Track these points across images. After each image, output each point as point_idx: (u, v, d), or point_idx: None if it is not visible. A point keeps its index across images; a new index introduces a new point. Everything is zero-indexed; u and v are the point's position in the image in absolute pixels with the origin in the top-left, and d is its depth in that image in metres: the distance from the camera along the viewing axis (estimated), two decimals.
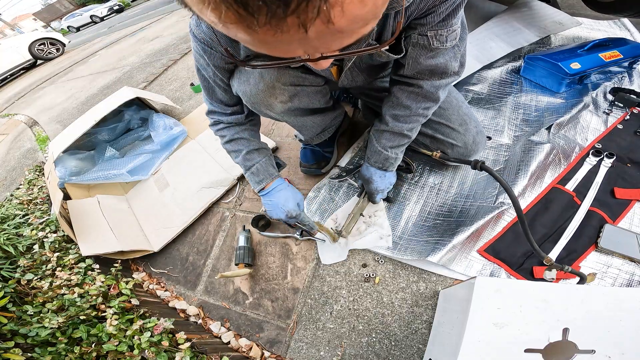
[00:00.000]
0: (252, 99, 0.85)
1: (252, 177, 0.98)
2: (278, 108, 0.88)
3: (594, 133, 1.13)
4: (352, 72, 0.87)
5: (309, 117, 1.04)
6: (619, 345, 0.59)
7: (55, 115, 3.35)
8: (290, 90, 0.86)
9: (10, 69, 6.98)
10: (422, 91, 0.82)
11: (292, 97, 0.88)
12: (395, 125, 0.89)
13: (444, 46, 0.71)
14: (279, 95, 0.85)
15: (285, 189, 0.99)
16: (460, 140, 0.97)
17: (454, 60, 0.76)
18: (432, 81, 0.80)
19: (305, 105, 0.94)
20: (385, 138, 0.93)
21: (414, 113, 0.86)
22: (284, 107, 0.89)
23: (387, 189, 1.03)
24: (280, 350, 0.95)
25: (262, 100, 0.85)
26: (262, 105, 0.87)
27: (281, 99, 0.86)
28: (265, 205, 1.00)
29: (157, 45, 4.31)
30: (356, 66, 0.85)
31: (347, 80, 0.90)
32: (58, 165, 1.64)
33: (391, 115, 0.89)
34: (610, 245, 0.84)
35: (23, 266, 1.14)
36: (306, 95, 0.91)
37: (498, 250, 0.91)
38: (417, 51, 0.73)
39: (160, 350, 0.89)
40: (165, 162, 1.69)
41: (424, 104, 0.84)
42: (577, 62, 1.23)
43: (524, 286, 0.65)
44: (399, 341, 0.87)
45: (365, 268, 1.01)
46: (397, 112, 0.88)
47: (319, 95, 0.96)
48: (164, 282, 1.26)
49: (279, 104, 0.87)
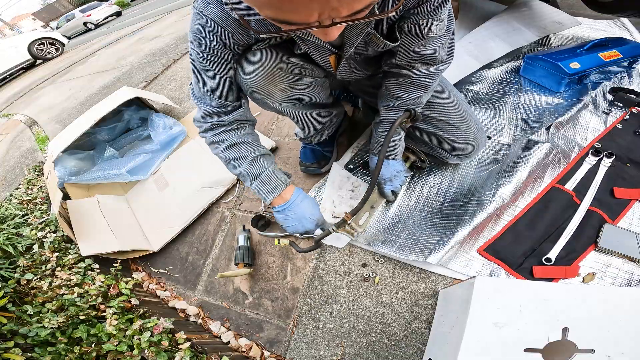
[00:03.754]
0: (252, 86, 0.83)
1: (261, 187, 0.91)
2: (278, 97, 0.89)
3: (593, 133, 1.13)
4: (350, 64, 0.90)
5: (310, 110, 1.04)
6: (619, 344, 0.59)
7: (55, 115, 3.35)
8: (290, 78, 0.86)
9: (10, 68, 6.97)
10: (412, 80, 0.87)
11: (292, 85, 0.89)
12: (389, 115, 0.95)
13: (434, 34, 0.76)
14: (278, 82, 0.85)
15: (306, 197, 0.96)
16: (461, 137, 0.98)
17: (441, 49, 0.82)
18: (422, 70, 0.85)
19: (305, 97, 0.95)
20: (382, 128, 0.98)
21: (405, 103, 0.91)
22: (284, 95, 0.89)
23: (394, 178, 1.03)
24: (280, 350, 0.96)
25: (262, 87, 0.84)
26: (262, 93, 0.86)
27: (281, 87, 0.86)
28: (285, 221, 0.93)
29: (157, 45, 4.30)
30: (353, 58, 0.88)
31: (345, 71, 0.92)
32: (57, 165, 1.64)
33: (385, 107, 0.95)
34: (609, 244, 0.84)
35: (23, 266, 1.14)
36: (306, 86, 0.92)
37: (498, 249, 0.91)
38: (409, 40, 0.78)
39: (160, 350, 0.89)
40: (165, 161, 1.69)
41: (414, 93, 0.89)
42: (576, 61, 1.23)
43: (524, 286, 0.65)
44: (398, 341, 0.87)
45: (365, 268, 1.01)
46: (389, 104, 0.94)
47: (319, 89, 0.97)
48: (164, 282, 1.26)
49: (278, 92, 0.87)
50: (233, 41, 0.75)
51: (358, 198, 1.15)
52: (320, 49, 0.82)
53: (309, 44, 0.80)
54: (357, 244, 1.05)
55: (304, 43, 0.80)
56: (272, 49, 0.81)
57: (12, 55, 6.98)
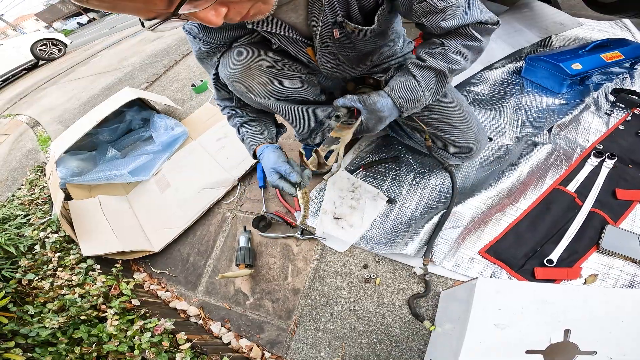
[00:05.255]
0: (231, 80, 0.90)
1: (245, 147, 1.02)
2: (258, 90, 0.91)
3: (595, 134, 1.12)
4: (336, 59, 0.88)
5: (296, 106, 1.02)
6: (621, 346, 0.58)
7: (57, 115, 3.36)
8: (268, 72, 0.89)
9: (12, 69, 6.99)
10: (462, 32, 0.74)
11: (272, 80, 0.90)
12: (430, 60, 0.76)
13: (449, 2, 0.68)
14: (256, 76, 0.88)
15: (272, 152, 0.93)
16: (462, 138, 0.97)
17: (477, 11, 0.72)
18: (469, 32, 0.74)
19: (289, 93, 0.96)
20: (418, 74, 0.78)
21: (452, 50, 0.75)
22: (265, 89, 0.91)
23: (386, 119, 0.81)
24: (280, 351, 0.95)
25: (240, 81, 0.89)
26: (242, 86, 0.90)
27: (259, 80, 0.89)
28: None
29: (159, 45, 4.31)
30: (337, 52, 0.85)
31: (329, 66, 0.90)
32: (59, 165, 1.64)
33: (426, 53, 0.78)
34: (611, 246, 0.84)
35: (24, 266, 1.14)
36: (288, 80, 0.93)
37: (499, 251, 0.91)
38: (430, 19, 0.71)
39: (161, 351, 0.89)
40: (167, 162, 1.69)
41: (464, 41, 0.75)
42: (578, 62, 1.22)
43: (525, 287, 0.65)
44: (399, 342, 0.87)
45: (366, 269, 1.01)
46: (432, 50, 0.77)
47: (304, 85, 0.98)
48: (165, 282, 1.26)
49: (257, 85, 0.90)
50: (208, 45, 0.86)
51: (359, 199, 1.15)
52: (292, 42, 0.82)
53: (279, 38, 0.81)
54: (358, 246, 1.05)
55: (274, 37, 0.81)
56: (250, 45, 0.86)
57: (15, 56, 7.00)
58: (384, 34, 0.89)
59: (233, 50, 0.87)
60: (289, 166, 0.87)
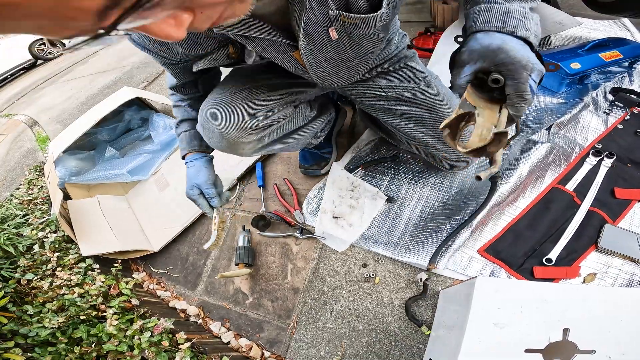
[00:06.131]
0: (222, 150, 0.89)
1: (179, 144, 0.99)
2: (250, 149, 0.89)
3: (594, 133, 1.13)
4: (329, 64, 0.74)
5: (289, 139, 0.98)
6: (620, 345, 0.59)
7: (56, 115, 3.35)
8: (257, 135, 0.86)
9: (10, 69, 6.97)
10: None
11: (262, 138, 0.87)
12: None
13: None
14: (245, 145, 0.87)
15: (196, 166, 0.94)
16: (453, 154, 0.96)
17: None
18: None
19: (281, 133, 0.92)
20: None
21: None
22: (258, 145, 0.89)
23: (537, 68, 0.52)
24: (280, 350, 0.95)
25: (232, 152, 0.89)
26: (234, 153, 0.90)
27: (249, 146, 0.87)
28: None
29: None
30: (324, 54, 0.70)
31: (322, 72, 0.76)
32: (58, 165, 1.64)
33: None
34: (610, 245, 0.84)
35: (23, 266, 1.14)
36: (279, 129, 0.90)
37: (498, 250, 0.91)
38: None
39: (161, 350, 0.89)
40: (166, 162, 1.69)
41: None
42: (577, 62, 1.22)
43: (524, 286, 0.65)
44: (399, 341, 0.87)
45: (365, 268, 1.01)
46: None
47: (294, 121, 0.93)
48: (164, 282, 1.26)
49: (249, 148, 0.88)
50: (162, 59, 0.77)
51: (358, 198, 1.15)
52: (275, 46, 0.67)
53: (257, 42, 0.65)
54: (357, 245, 1.05)
55: (251, 42, 0.65)
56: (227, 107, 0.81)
57: (13, 55, 6.98)
58: (388, 26, 0.75)
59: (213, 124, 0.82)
60: (214, 190, 0.92)
